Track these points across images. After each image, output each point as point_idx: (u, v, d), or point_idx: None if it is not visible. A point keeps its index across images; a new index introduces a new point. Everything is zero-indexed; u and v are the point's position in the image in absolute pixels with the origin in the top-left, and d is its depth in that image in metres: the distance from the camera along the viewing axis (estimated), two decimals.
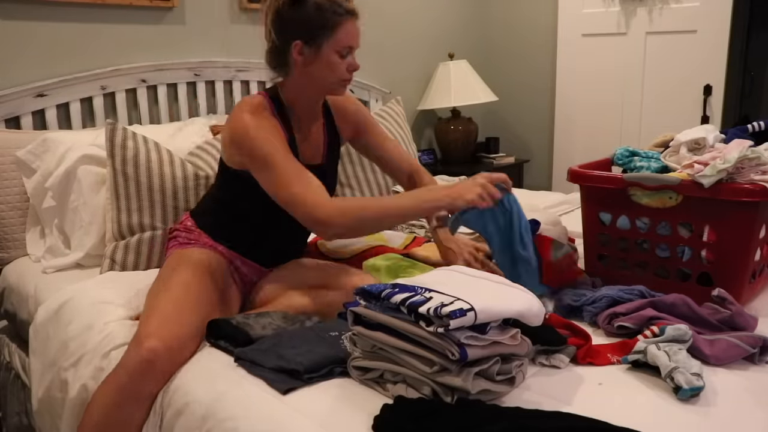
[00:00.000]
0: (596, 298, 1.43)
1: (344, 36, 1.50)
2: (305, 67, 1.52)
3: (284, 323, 1.40)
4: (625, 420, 0.99)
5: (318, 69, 1.52)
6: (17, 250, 2.07)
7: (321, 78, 1.53)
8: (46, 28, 2.21)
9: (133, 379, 1.28)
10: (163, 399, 1.29)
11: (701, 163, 1.43)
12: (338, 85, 1.56)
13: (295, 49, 1.50)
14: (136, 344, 1.31)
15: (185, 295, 1.43)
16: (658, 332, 1.23)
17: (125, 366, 1.30)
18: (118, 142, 1.91)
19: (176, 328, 1.33)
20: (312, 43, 1.49)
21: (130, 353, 1.31)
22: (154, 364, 1.28)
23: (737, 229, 1.42)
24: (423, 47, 3.58)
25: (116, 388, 1.30)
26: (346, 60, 1.53)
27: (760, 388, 1.13)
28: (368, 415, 1.05)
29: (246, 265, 1.65)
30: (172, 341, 1.30)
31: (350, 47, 1.52)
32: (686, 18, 3.14)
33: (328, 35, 1.48)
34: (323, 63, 1.51)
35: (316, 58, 1.50)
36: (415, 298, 1.07)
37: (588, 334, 1.31)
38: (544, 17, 3.69)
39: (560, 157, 3.71)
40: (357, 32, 1.53)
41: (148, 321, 1.36)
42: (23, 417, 1.91)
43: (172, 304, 1.40)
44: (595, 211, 1.63)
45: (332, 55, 1.50)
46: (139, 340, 1.31)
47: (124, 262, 1.87)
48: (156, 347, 1.28)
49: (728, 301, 1.32)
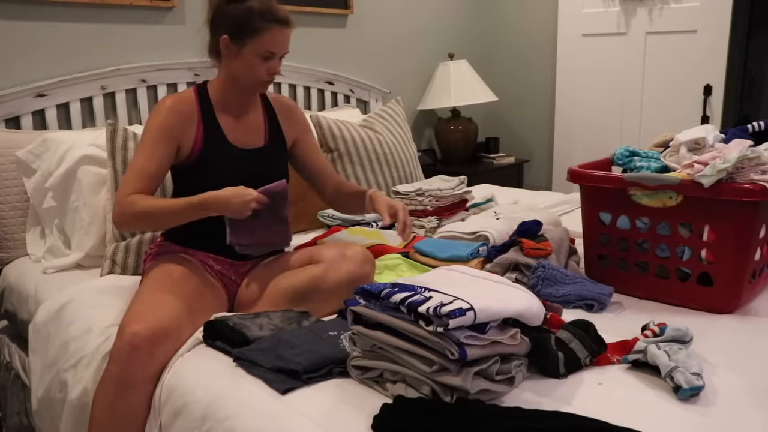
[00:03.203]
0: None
1: (268, 41, 1.56)
2: (228, 61, 1.61)
3: (281, 323, 1.40)
4: (625, 420, 0.99)
5: (238, 66, 1.60)
6: (17, 250, 2.07)
7: (239, 74, 1.61)
8: (46, 28, 2.21)
9: (122, 367, 1.31)
10: (162, 399, 1.29)
11: (701, 163, 1.43)
12: (257, 84, 1.62)
13: (222, 42, 1.59)
14: (119, 333, 1.35)
15: (163, 285, 1.48)
16: (658, 332, 1.23)
17: (113, 357, 1.34)
18: (119, 143, 1.91)
19: (156, 312, 1.37)
20: (237, 41, 1.57)
21: (115, 344, 1.34)
22: (138, 348, 1.31)
23: (737, 229, 1.42)
24: (423, 47, 3.58)
25: (110, 381, 1.33)
26: (268, 63, 1.59)
27: (759, 388, 1.13)
28: (368, 415, 1.05)
29: (218, 263, 1.66)
30: (152, 323, 1.33)
31: (272, 53, 1.58)
32: (686, 18, 3.14)
33: (253, 37, 1.56)
34: (244, 62, 1.58)
35: (238, 55, 1.58)
36: (414, 297, 1.07)
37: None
38: (544, 17, 3.69)
39: (560, 157, 3.71)
40: (284, 40, 1.60)
41: (128, 311, 1.41)
42: (23, 417, 1.91)
43: (151, 293, 1.45)
44: (595, 211, 1.63)
45: (253, 57, 1.57)
46: (121, 327, 1.35)
47: (125, 263, 1.87)
48: (137, 330, 1.31)
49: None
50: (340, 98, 3.13)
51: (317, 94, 3.03)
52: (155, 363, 1.33)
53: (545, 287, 1.54)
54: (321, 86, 3.02)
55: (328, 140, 2.48)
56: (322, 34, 3.06)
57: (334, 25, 3.11)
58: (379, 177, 2.54)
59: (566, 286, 1.55)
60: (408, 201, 2.19)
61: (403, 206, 1.61)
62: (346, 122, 2.56)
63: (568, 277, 1.57)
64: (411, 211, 2.16)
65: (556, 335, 1.23)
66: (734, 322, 1.42)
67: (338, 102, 3.13)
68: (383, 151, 2.57)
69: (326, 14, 3.04)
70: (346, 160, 2.49)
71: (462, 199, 2.27)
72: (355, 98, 3.20)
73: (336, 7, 3.06)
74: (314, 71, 2.97)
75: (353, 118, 2.79)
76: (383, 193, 1.68)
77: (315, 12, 2.97)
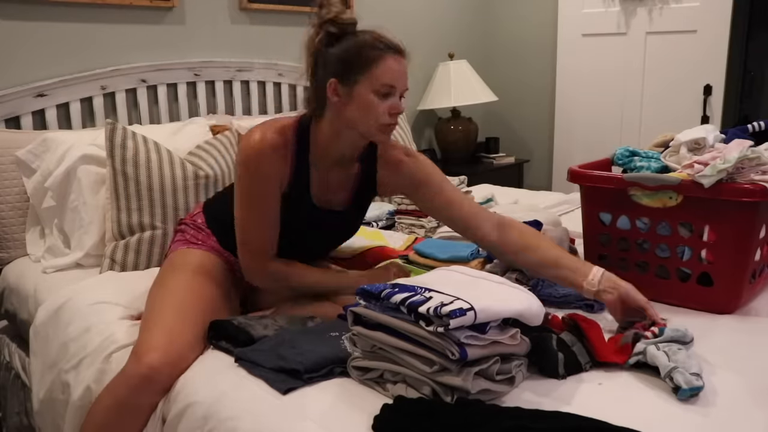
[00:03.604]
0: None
1: (383, 72, 1.34)
2: (340, 108, 1.38)
3: (286, 324, 1.40)
4: (625, 420, 0.99)
5: (353, 110, 1.37)
6: (17, 250, 2.07)
7: (356, 120, 1.38)
8: (46, 28, 2.21)
9: (132, 393, 1.27)
10: (165, 401, 1.29)
11: (701, 163, 1.43)
12: (377, 130, 1.39)
13: (329, 87, 1.37)
14: (136, 358, 1.28)
15: (187, 303, 1.40)
16: (658, 333, 1.23)
17: (125, 379, 1.28)
18: (118, 141, 1.91)
19: (177, 340, 1.30)
20: (347, 81, 1.35)
21: (130, 366, 1.29)
22: (153, 380, 1.26)
23: (737, 229, 1.41)
24: (423, 47, 3.58)
25: (116, 400, 1.28)
26: (388, 101, 1.36)
27: (759, 388, 1.13)
28: (368, 415, 1.05)
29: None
30: (172, 355, 1.28)
31: (391, 86, 1.35)
32: (686, 18, 3.14)
33: (365, 71, 1.34)
34: (358, 103, 1.35)
35: (350, 98, 1.36)
36: (414, 297, 1.07)
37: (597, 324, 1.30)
38: (544, 17, 3.69)
39: (560, 157, 3.71)
40: (401, 71, 1.37)
41: (149, 333, 1.33)
42: (23, 417, 1.91)
43: (174, 314, 1.36)
44: (595, 211, 1.63)
45: (368, 95, 1.35)
46: (139, 354, 1.29)
47: (124, 261, 1.87)
48: (155, 364, 1.26)
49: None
50: None
51: None
52: (165, 391, 1.29)
53: (545, 288, 1.54)
54: None
55: None
56: None
57: None
58: None
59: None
60: (408, 201, 2.19)
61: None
62: None
63: None
64: (411, 211, 2.17)
65: (559, 336, 1.23)
66: (734, 322, 1.42)
67: None
68: None
69: None
70: None
71: None
72: None
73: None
74: None
75: None
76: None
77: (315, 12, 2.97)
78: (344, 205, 1.55)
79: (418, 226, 2.14)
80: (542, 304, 1.18)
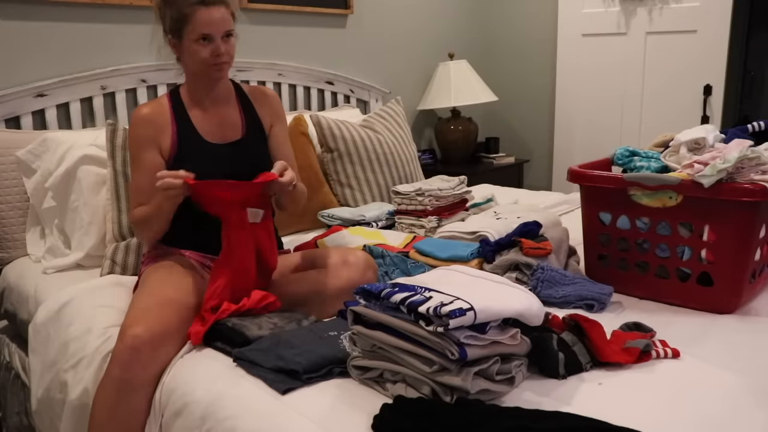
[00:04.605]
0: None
1: (199, 25, 1.55)
2: (181, 58, 1.64)
3: (281, 322, 1.40)
4: (625, 420, 0.99)
5: (187, 60, 1.62)
6: (17, 250, 2.07)
7: (192, 67, 1.63)
8: (46, 28, 2.21)
9: (123, 369, 1.31)
10: (162, 399, 1.29)
11: (701, 163, 1.43)
12: (208, 71, 1.61)
13: (169, 43, 1.63)
14: (121, 336, 1.35)
15: (164, 285, 1.48)
16: None
17: (114, 359, 1.34)
18: (119, 143, 1.91)
19: (157, 313, 1.37)
20: (176, 36, 1.60)
21: (117, 346, 1.34)
22: (139, 350, 1.31)
23: (737, 229, 1.41)
24: (423, 47, 3.58)
25: (111, 383, 1.32)
26: (210, 46, 1.58)
27: (760, 388, 1.13)
28: (368, 415, 1.05)
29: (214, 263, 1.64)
30: (153, 325, 1.33)
31: (207, 34, 1.56)
32: (686, 18, 3.14)
33: (185, 26, 1.56)
34: (188, 53, 1.60)
35: (182, 50, 1.61)
36: (414, 297, 1.07)
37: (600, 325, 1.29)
38: (544, 17, 3.68)
39: (560, 157, 3.71)
40: (213, 19, 1.56)
41: (129, 313, 1.42)
42: (23, 417, 1.91)
43: (151, 293, 1.45)
44: (595, 211, 1.63)
45: (191, 44, 1.57)
46: (122, 331, 1.35)
47: (125, 263, 1.87)
48: (138, 333, 1.32)
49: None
50: (340, 98, 3.13)
51: (317, 94, 3.03)
52: (156, 365, 1.33)
53: (545, 289, 1.54)
54: (321, 86, 3.02)
55: (328, 140, 2.48)
56: (322, 34, 3.06)
57: (334, 25, 3.11)
58: (379, 177, 2.54)
59: (566, 287, 1.55)
60: (408, 201, 2.19)
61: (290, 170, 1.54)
62: (346, 122, 2.57)
63: (567, 278, 1.57)
64: (411, 211, 2.16)
65: (560, 336, 1.23)
66: (734, 322, 1.42)
67: (338, 102, 3.13)
68: (383, 151, 2.58)
69: (326, 14, 3.04)
70: (346, 160, 2.49)
71: (462, 199, 2.27)
72: (355, 98, 3.20)
73: (336, 7, 3.06)
74: (314, 71, 2.97)
75: (353, 118, 2.79)
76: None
77: (315, 12, 2.97)
78: (240, 136, 1.71)
79: (418, 226, 2.14)
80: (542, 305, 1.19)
